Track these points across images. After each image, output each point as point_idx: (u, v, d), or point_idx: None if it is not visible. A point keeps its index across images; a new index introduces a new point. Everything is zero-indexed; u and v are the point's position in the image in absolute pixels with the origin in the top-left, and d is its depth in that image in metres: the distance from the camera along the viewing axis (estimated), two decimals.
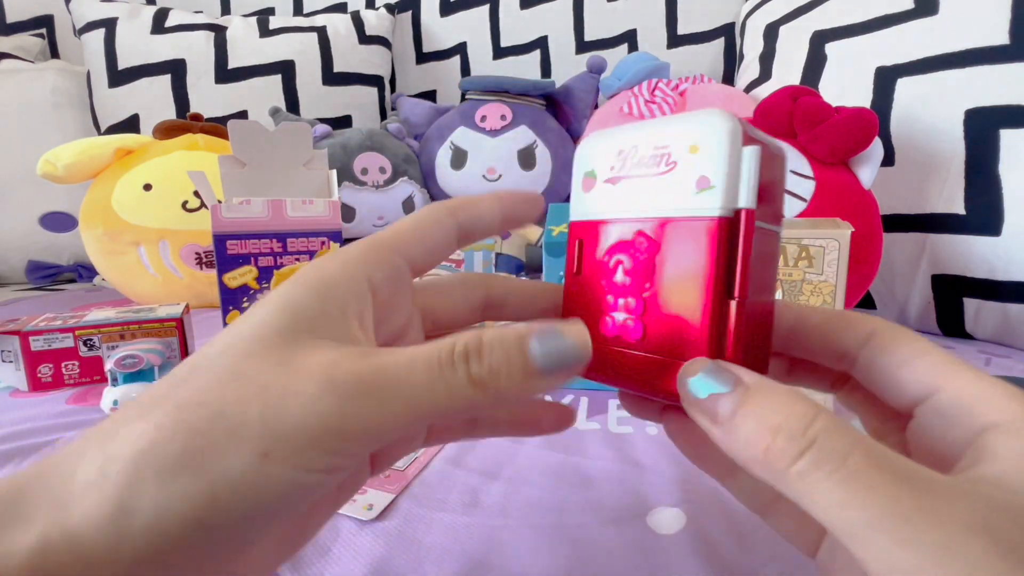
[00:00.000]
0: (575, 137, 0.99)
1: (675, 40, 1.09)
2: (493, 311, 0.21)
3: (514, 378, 0.14)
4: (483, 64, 1.17)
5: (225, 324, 0.43)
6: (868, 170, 0.56)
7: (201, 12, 1.15)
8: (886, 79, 0.64)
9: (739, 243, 0.16)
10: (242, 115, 1.03)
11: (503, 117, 0.94)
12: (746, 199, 0.16)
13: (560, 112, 1.00)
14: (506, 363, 0.14)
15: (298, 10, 1.26)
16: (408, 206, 0.92)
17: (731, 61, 1.08)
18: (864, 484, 0.12)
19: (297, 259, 0.44)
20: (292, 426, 0.13)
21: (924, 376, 0.16)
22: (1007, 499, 0.12)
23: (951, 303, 0.61)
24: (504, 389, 0.14)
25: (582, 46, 1.13)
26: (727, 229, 0.16)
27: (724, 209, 0.16)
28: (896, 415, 0.17)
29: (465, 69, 1.18)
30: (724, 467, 0.19)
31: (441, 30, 1.19)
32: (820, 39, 0.74)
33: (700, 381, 0.15)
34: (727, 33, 1.07)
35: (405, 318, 0.19)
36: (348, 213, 0.88)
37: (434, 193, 0.98)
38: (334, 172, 0.48)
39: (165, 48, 1.04)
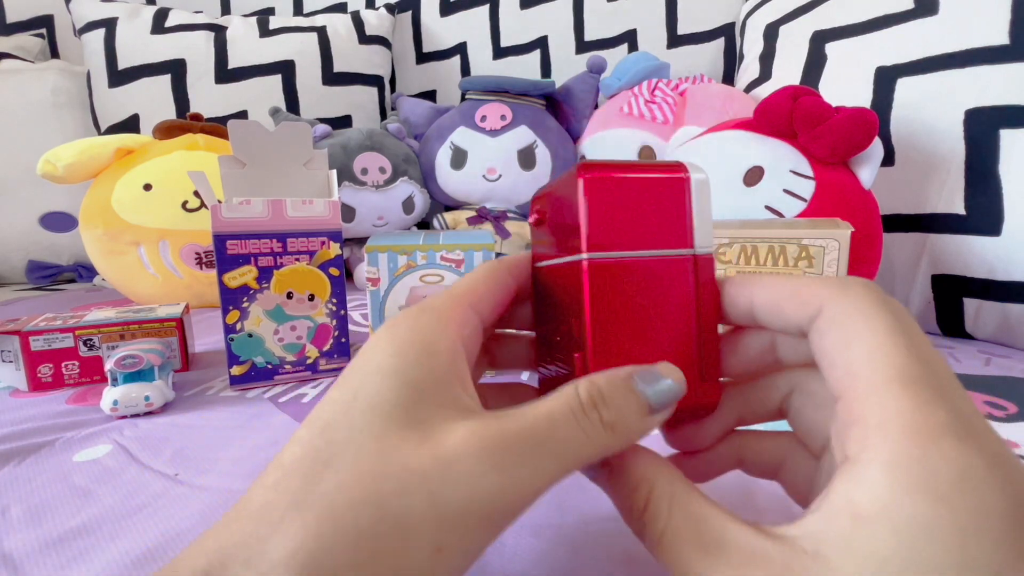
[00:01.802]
0: (575, 137, 0.99)
1: (675, 40, 1.09)
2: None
3: (634, 419, 0.15)
4: (483, 64, 1.17)
5: (225, 324, 0.43)
6: (868, 170, 0.56)
7: (201, 12, 1.15)
8: (886, 79, 0.64)
9: (583, 288, 0.17)
10: (242, 115, 1.03)
11: (503, 117, 0.94)
12: (584, 243, 0.17)
13: (560, 112, 1.00)
14: (627, 406, 0.15)
15: (298, 10, 1.26)
16: (408, 206, 0.92)
17: (731, 61, 1.08)
18: None
19: (297, 259, 0.44)
20: (462, 512, 0.13)
21: (837, 382, 0.15)
22: None
23: (951, 303, 0.60)
24: (631, 429, 0.15)
25: (582, 46, 1.13)
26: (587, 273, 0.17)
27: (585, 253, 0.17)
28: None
29: (465, 69, 1.18)
30: (726, 466, 0.21)
31: (441, 30, 1.19)
32: (820, 39, 0.73)
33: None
34: (727, 33, 1.07)
35: (480, 370, 0.20)
36: (348, 213, 0.88)
37: (434, 193, 0.98)
38: (334, 172, 0.48)
39: (165, 48, 1.04)
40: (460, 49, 1.18)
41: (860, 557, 0.12)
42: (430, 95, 1.21)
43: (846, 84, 0.68)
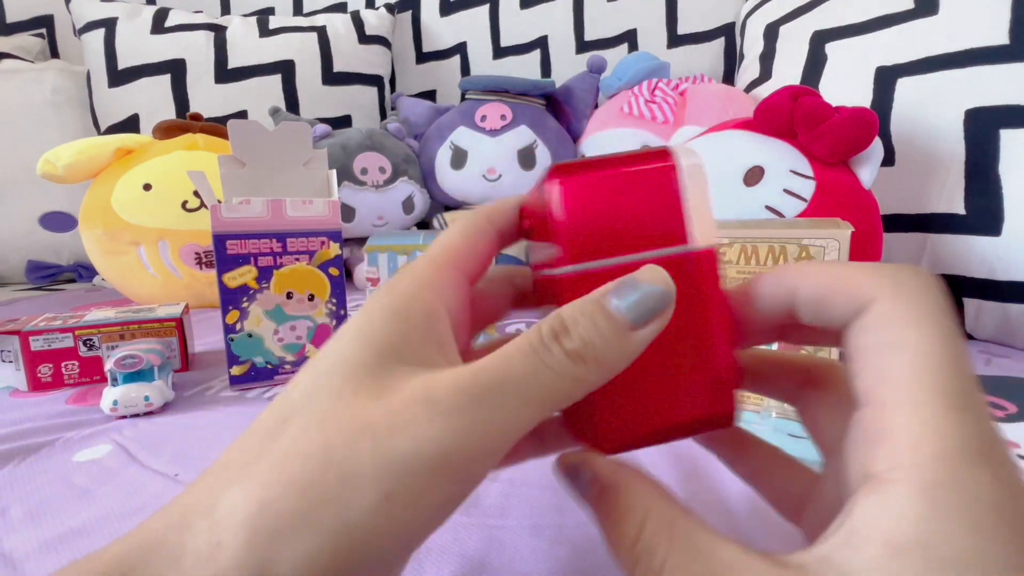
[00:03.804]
0: (575, 137, 0.99)
1: (675, 40, 1.09)
2: (524, 302, 0.21)
3: (609, 340, 0.14)
4: (483, 64, 1.17)
5: (225, 324, 0.43)
6: (868, 170, 0.56)
7: (201, 12, 1.15)
8: (886, 79, 0.64)
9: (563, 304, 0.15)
10: (242, 115, 1.03)
11: (503, 117, 0.94)
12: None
13: (560, 112, 1.00)
14: (595, 329, 0.14)
15: (298, 10, 1.26)
16: (408, 206, 0.92)
17: (731, 61, 1.08)
18: None
19: (297, 259, 0.44)
20: (409, 460, 0.12)
21: (865, 381, 0.14)
22: None
23: (951, 303, 0.61)
24: (603, 354, 0.14)
25: (582, 46, 1.13)
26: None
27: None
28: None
29: (465, 69, 1.18)
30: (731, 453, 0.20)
31: (441, 30, 1.19)
32: (820, 39, 0.73)
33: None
34: (727, 33, 1.07)
35: (468, 331, 0.18)
36: (348, 213, 0.88)
37: (434, 193, 0.98)
38: (334, 172, 0.48)
39: (165, 48, 1.04)
40: (460, 49, 1.18)
41: None
42: (430, 95, 1.21)
43: (846, 84, 0.68)
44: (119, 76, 1.03)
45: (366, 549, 0.12)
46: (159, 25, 1.05)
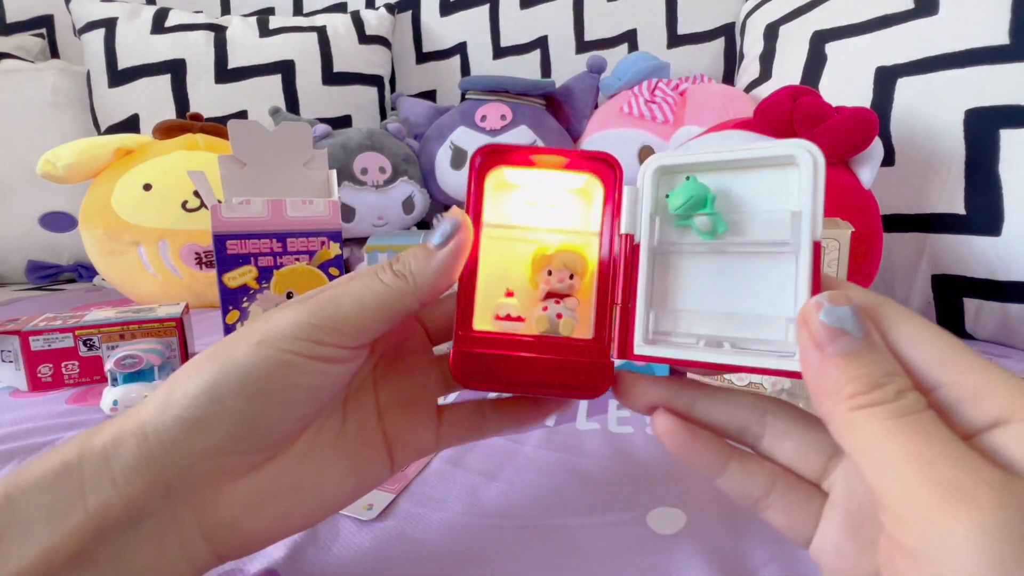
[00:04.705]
0: (575, 137, 0.99)
1: (675, 40, 1.09)
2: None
3: (420, 259, 0.20)
4: (483, 64, 1.17)
5: (225, 324, 0.43)
6: (868, 170, 0.56)
7: (201, 12, 1.15)
8: (886, 79, 0.64)
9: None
10: (242, 115, 1.03)
11: (503, 117, 0.94)
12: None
13: (560, 112, 1.00)
14: (413, 254, 0.20)
15: (298, 10, 1.26)
16: (408, 206, 0.92)
17: (731, 61, 1.08)
18: (912, 430, 0.13)
19: (297, 259, 0.44)
20: (277, 324, 0.19)
21: (923, 366, 0.15)
22: None
23: (951, 303, 0.60)
24: (417, 271, 0.20)
25: (582, 46, 1.13)
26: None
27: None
28: None
29: (465, 69, 1.18)
30: (713, 464, 0.20)
31: (441, 30, 1.19)
32: (820, 39, 0.73)
33: (836, 313, 0.15)
34: (727, 33, 1.07)
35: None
36: (348, 213, 0.88)
37: (434, 193, 0.98)
38: (334, 172, 0.48)
39: (165, 48, 1.04)
40: (460, 49, 1.18)
41: None
42: (430, 95, 1.21)
43: (846, 84, 0.68)
44: (119, 76, 1.03)
45: (239, 372, 0.18)
46: (159, 25, 1.05)
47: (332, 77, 1.09)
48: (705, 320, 0.20)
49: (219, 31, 1.06)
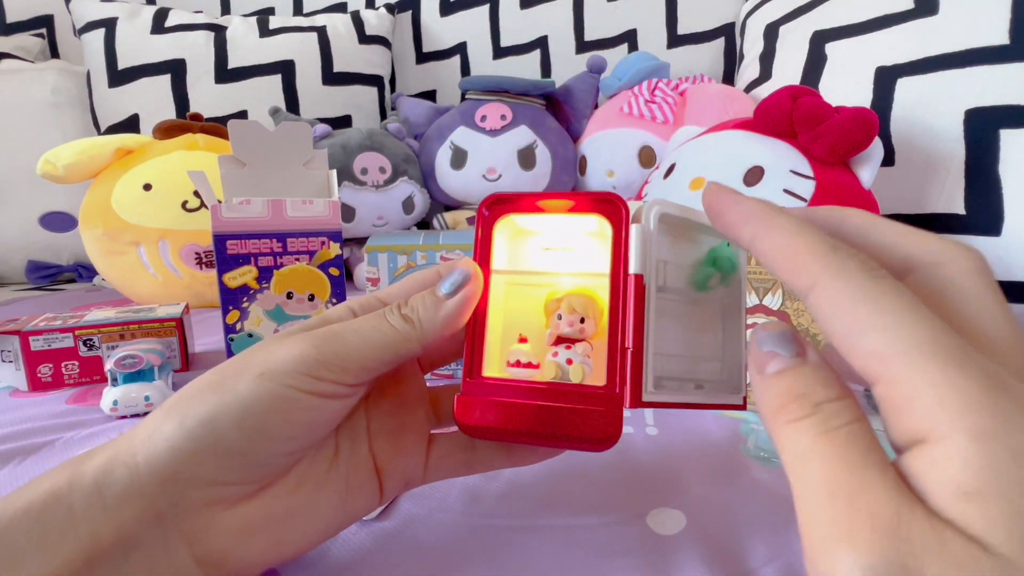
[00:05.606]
0: (575, 137, 0.99)
1: (675, 40, 1.09)
2: None
3: (429, 306, 0.20)
4: (483, 64, 1.17)
5: (225, 324, 0.43)
6: (868, 170, 0.56)
7: (201, 12, 1.15)
8: (886, 79, 0.64)
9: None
10: (242, 115, 1.03)
11: (503, 117, 0.94)
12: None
13: (560, 112, 1.00)
14: (422, 300, 0.21)
15: (298, 10, 1.26)
16: (408, 206, 0.92)
17: (731, 61, 1.08)
18: (833, 451, 0.13)
19: (297, 259, 0.44)
20: (280, 357, 0.19)
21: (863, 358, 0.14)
22: None
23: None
24: (425, 318, 0.20)
25: (582, 46, 1.13)
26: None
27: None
28: None
29: (465, 69, 1.18)
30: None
31: (441, 30, 1.19)
32: (820, 39, 0.74)
33: (770, 338, 0.16)
34: (727, 33, 1.07)
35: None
36: (348, 213, 0.88)
37: (434, 193, 0.98)
38: (334, 172, 0.48)
39: (165, 48, 1.04)
40: (460, 49, 1.18)
41: None
42: (430, 95, 1.21)
43: (846, 84, 0.68)
44: (119, 76, 1.03)
45: (245, 413, 0.18)
46: (159, 25, 1.05)
47: (332, 77, 1.09)
48: (679, 363, 0.21)
49: (219, 31, 1.06)
